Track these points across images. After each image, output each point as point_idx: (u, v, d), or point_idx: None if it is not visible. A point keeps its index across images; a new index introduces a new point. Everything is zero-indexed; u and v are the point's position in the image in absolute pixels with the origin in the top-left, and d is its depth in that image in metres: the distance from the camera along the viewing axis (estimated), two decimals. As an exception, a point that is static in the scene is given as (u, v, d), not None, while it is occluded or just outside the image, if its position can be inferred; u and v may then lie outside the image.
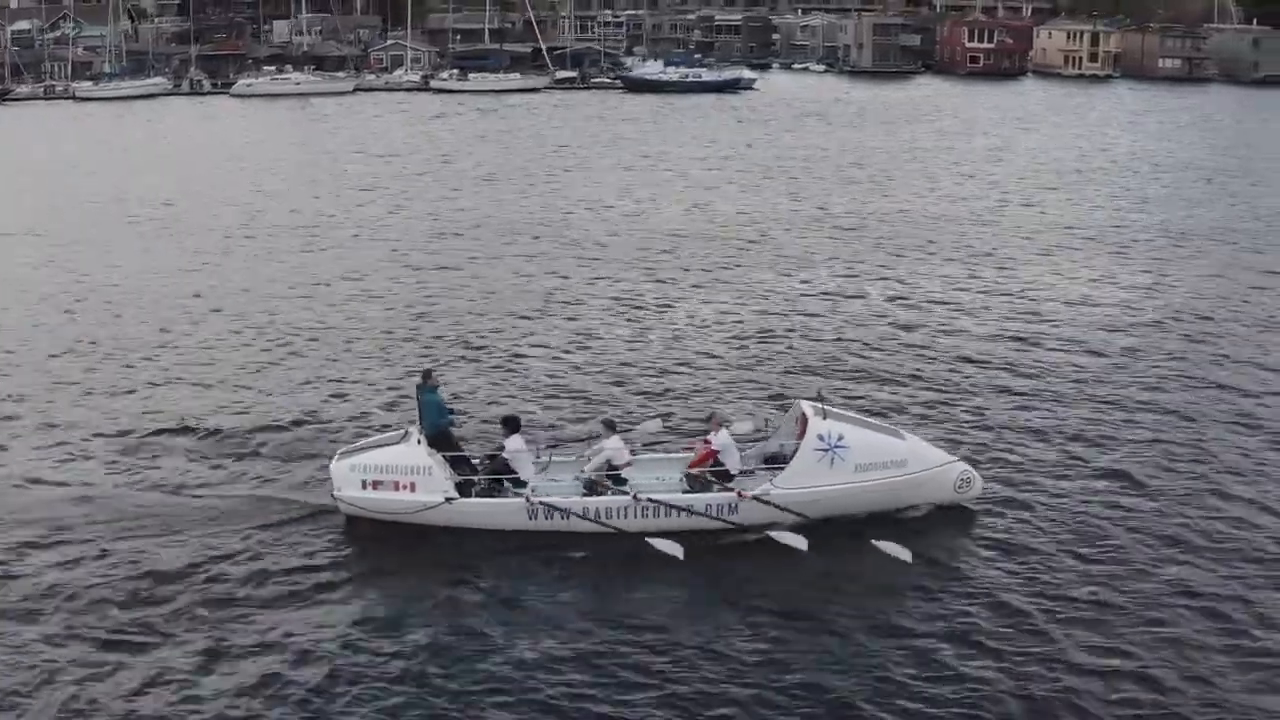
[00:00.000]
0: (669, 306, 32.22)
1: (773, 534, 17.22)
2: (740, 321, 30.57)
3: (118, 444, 21.70)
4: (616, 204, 50.27)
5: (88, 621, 15.51)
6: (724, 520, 17.77)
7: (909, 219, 46.43)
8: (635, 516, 17.63)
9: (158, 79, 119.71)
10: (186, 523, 18.15)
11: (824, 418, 18.21)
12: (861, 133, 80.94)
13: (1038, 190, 54.87)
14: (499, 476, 18.24)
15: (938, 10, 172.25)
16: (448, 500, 17.71)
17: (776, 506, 17.71)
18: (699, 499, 17.87)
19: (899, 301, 32.88)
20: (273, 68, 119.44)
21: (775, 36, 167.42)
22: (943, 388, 25.09)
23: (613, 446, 18.37)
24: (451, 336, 29.02)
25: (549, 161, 65.46)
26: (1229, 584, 16.63)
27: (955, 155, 68.38)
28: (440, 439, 18.56)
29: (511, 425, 18.45)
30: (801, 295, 33.52)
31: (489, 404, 23.54)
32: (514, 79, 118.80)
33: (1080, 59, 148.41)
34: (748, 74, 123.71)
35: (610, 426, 18.90)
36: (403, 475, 17.73)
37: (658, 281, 35.26)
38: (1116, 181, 58.10)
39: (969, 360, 27.07)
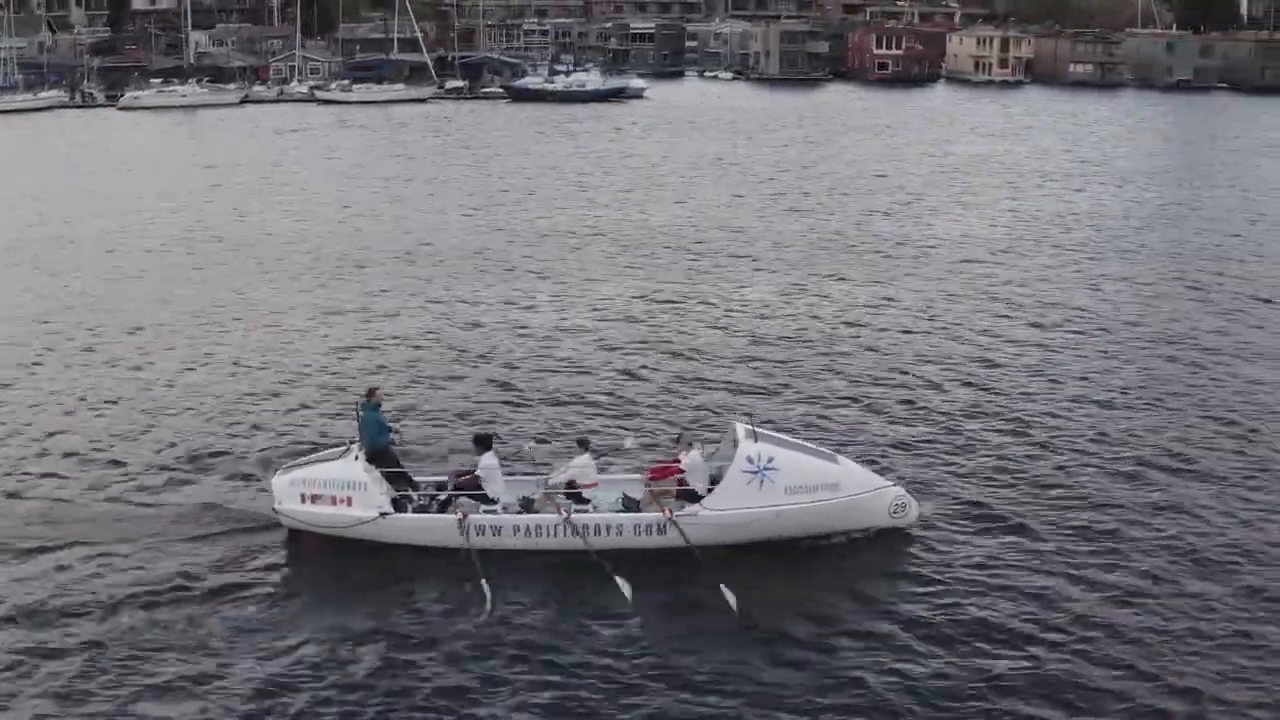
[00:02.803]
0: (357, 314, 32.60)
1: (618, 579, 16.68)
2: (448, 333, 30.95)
3: (60, 456, 22.12)
4: (366, 217, 50.64)
5: (23, 635, 15.81)
6: (653, 541, 17.91)
7: (644, 228, 47.08)
8: (565, 535, 17.85)
9: (53, 91, 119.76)
10: (129, 533, 18.70)
11: (754, 440, 18.30)
12: (713, 142, 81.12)
13: (827, 197, 55.57)
14: (466, 494, 18.36)
15: (869, 16, 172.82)
16: (382, 515, 18.16)
17: (705, 527, 17.83)
18: (629, 519, 18.01)
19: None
20: (159, 80, 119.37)
21: (691, 44, 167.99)
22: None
23: (580, 464, 18.45)
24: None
25: (364, 173, 65.95)
26: (1160, 594, 16.79)
27: (768, 163, 68.76)
28: (379, 456, 18.98)
29: (484, 443, 18.68)
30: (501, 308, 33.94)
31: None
32: (399, 89, 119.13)
33: (990, 65, 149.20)
34: (636, 83, 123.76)
35: (583, 445, 18.96)
36: (340, 490, 18.25)
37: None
38: (905, 188, 58.63)
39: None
